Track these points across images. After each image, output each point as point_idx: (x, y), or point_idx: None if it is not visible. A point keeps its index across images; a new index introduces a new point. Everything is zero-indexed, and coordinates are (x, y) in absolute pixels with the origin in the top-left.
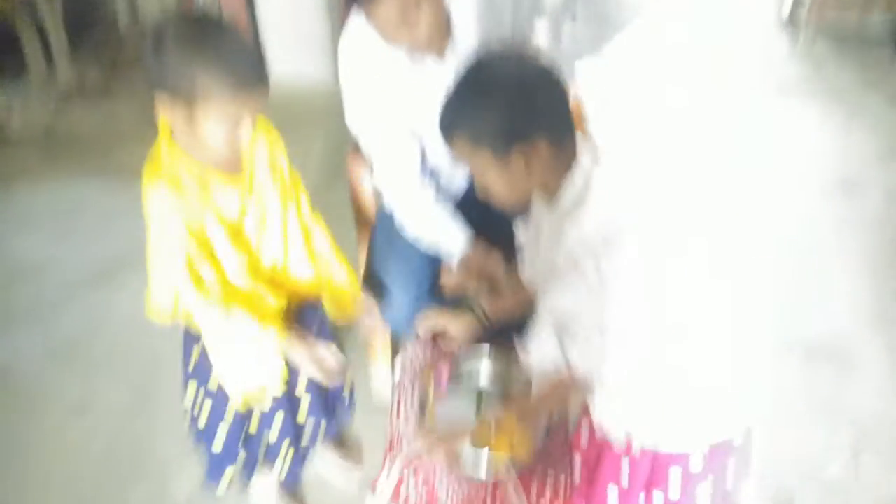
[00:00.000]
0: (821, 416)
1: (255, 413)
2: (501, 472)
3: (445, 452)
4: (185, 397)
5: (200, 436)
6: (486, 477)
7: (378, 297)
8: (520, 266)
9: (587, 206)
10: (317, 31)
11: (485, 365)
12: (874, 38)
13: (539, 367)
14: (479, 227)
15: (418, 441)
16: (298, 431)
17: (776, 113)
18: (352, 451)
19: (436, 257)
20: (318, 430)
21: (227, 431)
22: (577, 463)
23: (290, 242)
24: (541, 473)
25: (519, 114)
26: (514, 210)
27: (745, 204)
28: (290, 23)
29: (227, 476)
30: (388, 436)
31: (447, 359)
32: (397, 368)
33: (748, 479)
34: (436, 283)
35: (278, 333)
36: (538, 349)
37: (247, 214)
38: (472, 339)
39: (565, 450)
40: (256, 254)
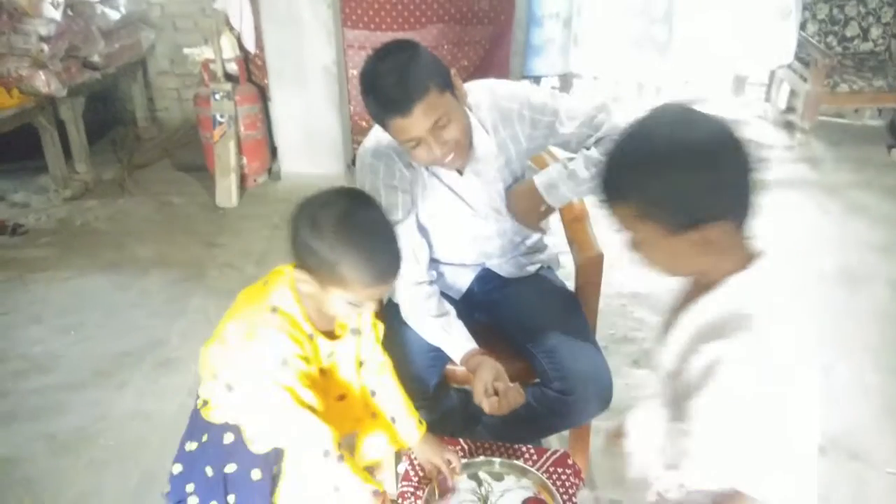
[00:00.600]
0: None
1: None
2: None
3: None
4: (173, 467)
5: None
6: None
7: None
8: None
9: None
10: (328, 132)
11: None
12: (868, 137)
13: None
14: (485, 319)
15: None
16: None
17: (774, 204)
18: None
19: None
20: None
21: None
22: None
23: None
24: None
25: (704, 190)
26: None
27: None
28: (303, 124)
29: None
30: None
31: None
32: (401, 473)
33: None
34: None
35: (370, 486)
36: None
37: (337, 365)
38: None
39: None
40: (335, 396)
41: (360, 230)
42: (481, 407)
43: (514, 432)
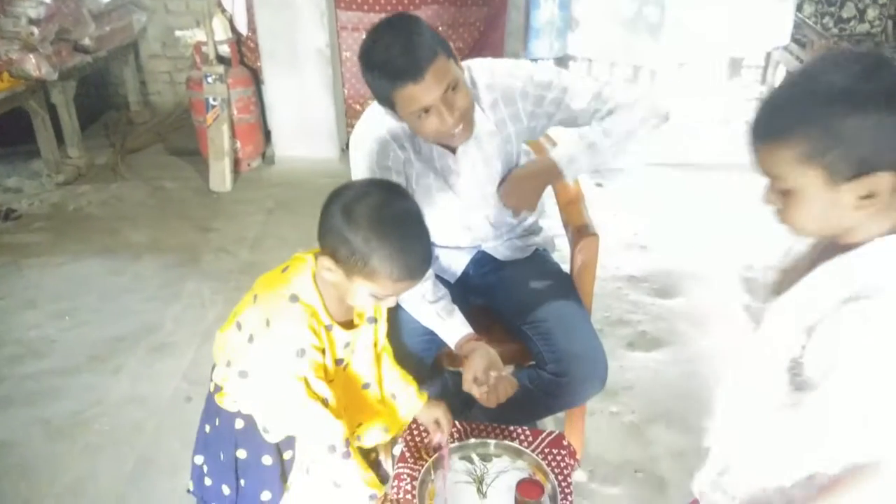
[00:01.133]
0: None
1: None
2: None
3: None
4: (195, 458)
5: (203, 492)
6: None
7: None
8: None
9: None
10: (321, 115)
11: (489, 451)
12: None
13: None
14: (481, 302)
15: None
16: None
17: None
18: None
19: None
20: None
21: None
22: None
23: (382, 374)
24: None
25: (883, 132)
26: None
27: None
28: (296, 107)
29: None
30: None
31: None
32: (397, 452)
33: None
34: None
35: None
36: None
37: (353, 354)
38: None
39: None
40: (355, 387)
41: (395, 224)
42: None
43: (509, 414)
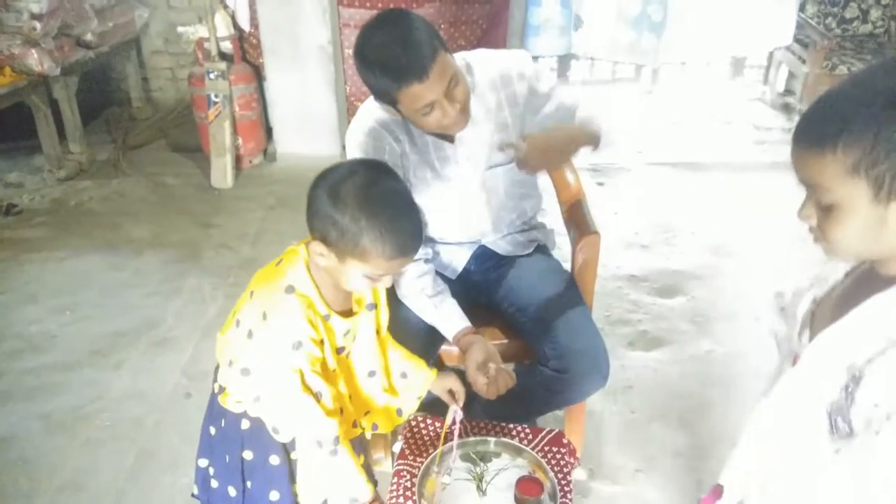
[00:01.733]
0: None
1: None
2: None
3: None
4: (199, 461)
5: (209, 495)
6: None
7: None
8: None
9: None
10: (323, 112)
11: (489, 449)
12: None
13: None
14: (482, 299)
15: None
16: None
17: (774, 185)
18: None
19: None
20: None
21: None
22: None
23: (388, 365)
24: None
25: None
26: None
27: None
28: (298, 104)
29: None
30: None
31: (451, 438)
32: (397, 449)
33: None
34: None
35: (369, 486)
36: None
37: (351, 343)
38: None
39: None
40: (355, 377)
41: (383, 201)
42: (474, 387)
43: (510, 411)
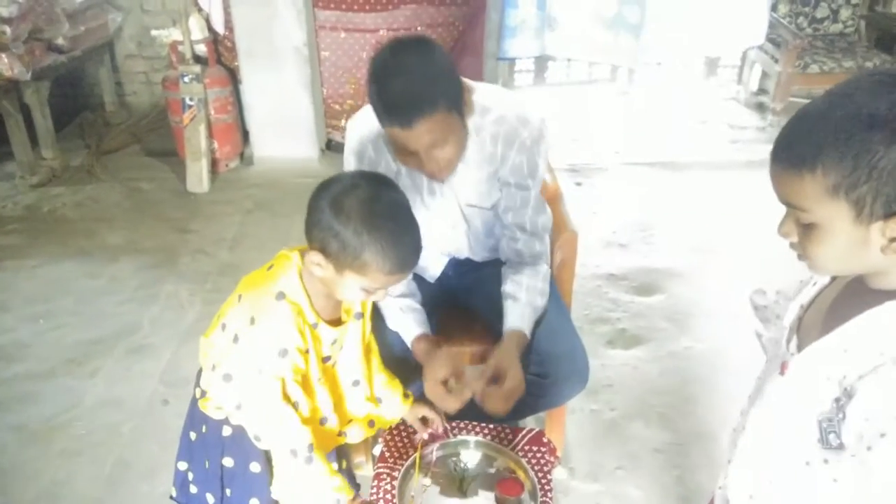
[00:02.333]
0: None
1: None
2: None
3: None
4: (178, 464)
5: (187, 499)
6: None
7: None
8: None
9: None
10: (300, 115)
11: (469, 449)
12: None
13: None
14: (461, 303)
15: None
16: None
17: (748, 184)
18: None
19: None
20: None
21: None
22: None
23: (372, 375)
24: None
25: None
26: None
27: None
28: (275, 107)
29: None
30: None
31: (430, 444)
32: (377, 452)
33: None
34: None
35: (348, 491)
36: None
37: (338, 351)
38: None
39: None
40: (340, 387)
41: (386, 216)
42: (433, 401)
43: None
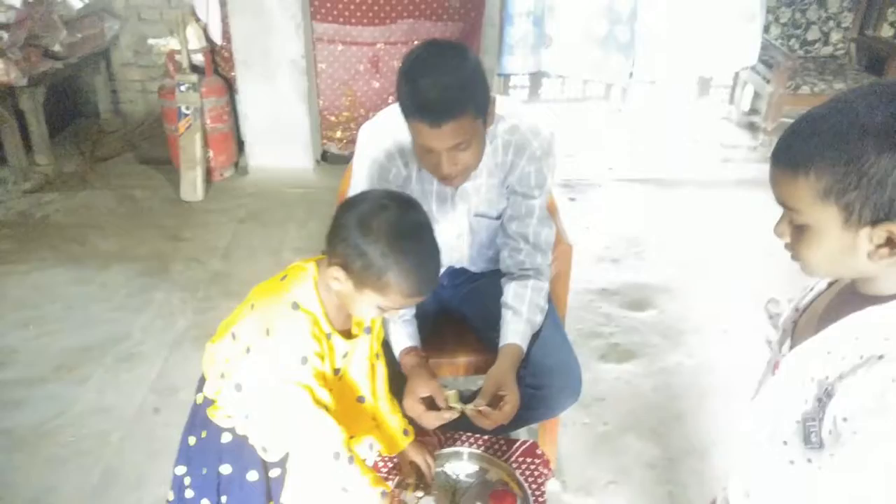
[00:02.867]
0: None
1: None
2: None
3: None
4: (176, 468)
5: None
6: None
7: None
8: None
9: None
10: (296, 126)
11: (463, 461)
12: None
13: None
14: (456, 314)
15: None
16: None
17: (740, 203)
18: None
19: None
20: None
21: None
22: None
23: (377, 387)
24: None
25: None
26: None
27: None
28: (271, 117)
29: None
30: None
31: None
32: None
33: None
34: None
35: (381, 488)
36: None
37: (349, 365)
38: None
39: None
40: (352, 399)
41: (412, 240)
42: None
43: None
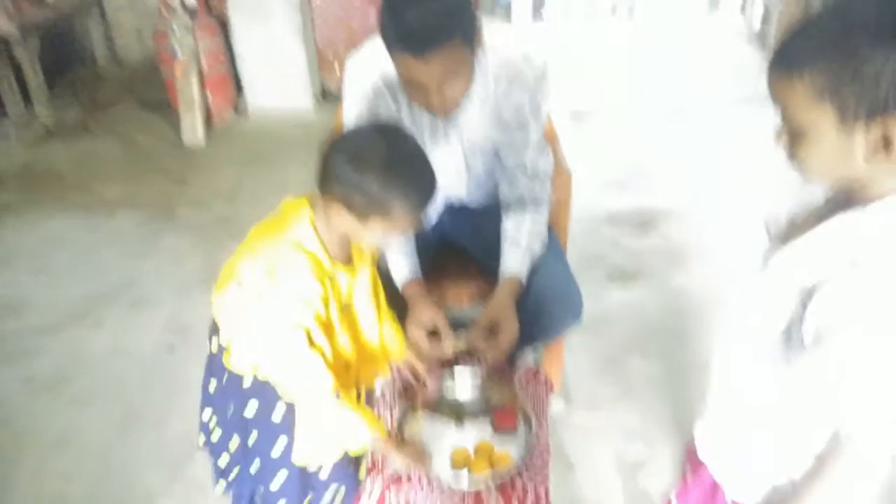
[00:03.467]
0: None
1: None
2: (482, 486)
3: (425, 470)
4: (203, 414)
5: (211, 447)
6: (466, 489)
7: None
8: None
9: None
10: (293, 64)
11: (467, 381)
12: None
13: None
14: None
15: (398, 460)
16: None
17: (746, 123)
18: None
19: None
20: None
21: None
22: None
23: (382, 316)
24: (521, 487)
25: None
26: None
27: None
28: (267, 57)
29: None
30: (370, 456)
31: (429, 375)
32: (377, 389)
33: None
34: None
35: (376, 432)
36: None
37: (353, 296)
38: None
39: (545, 461)
40: (360, 330)
41: (406, 164)
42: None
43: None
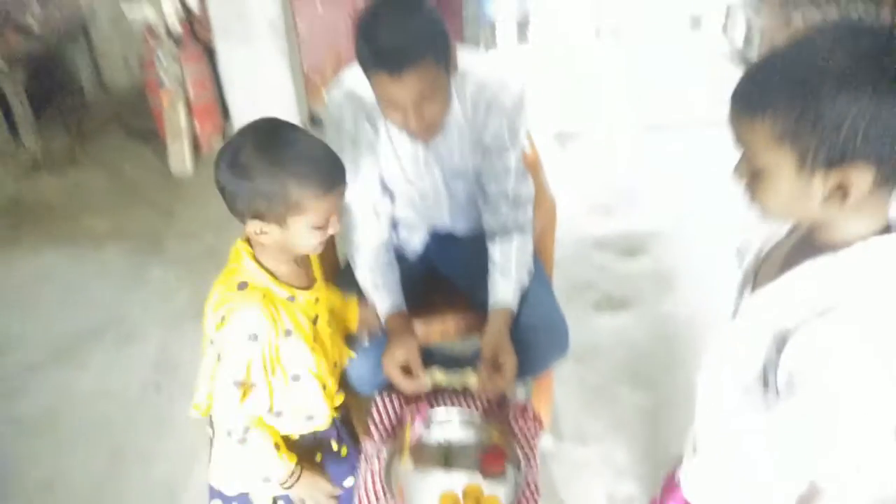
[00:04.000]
0: None
1: None
2: None
3: None
4: None
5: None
6: None
7: None
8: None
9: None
10: (281, 90)
11: (454, 423)
12: None
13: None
14: (443, 275)
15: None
16: None
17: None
18: None
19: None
20: None
21: None
22: None
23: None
24: None
25: (866, 119)
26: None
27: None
28: (254, 83)
29: None
30: (357, 496)
31: (418, 416)
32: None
33: None
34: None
35: (291, 465)
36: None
37: (324, 310)
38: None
39: (535, 502)
40: (331, 353)
41: (287, 146)
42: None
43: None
